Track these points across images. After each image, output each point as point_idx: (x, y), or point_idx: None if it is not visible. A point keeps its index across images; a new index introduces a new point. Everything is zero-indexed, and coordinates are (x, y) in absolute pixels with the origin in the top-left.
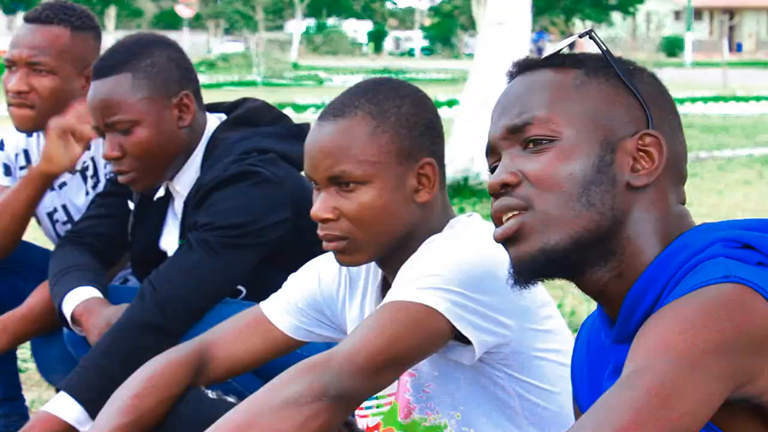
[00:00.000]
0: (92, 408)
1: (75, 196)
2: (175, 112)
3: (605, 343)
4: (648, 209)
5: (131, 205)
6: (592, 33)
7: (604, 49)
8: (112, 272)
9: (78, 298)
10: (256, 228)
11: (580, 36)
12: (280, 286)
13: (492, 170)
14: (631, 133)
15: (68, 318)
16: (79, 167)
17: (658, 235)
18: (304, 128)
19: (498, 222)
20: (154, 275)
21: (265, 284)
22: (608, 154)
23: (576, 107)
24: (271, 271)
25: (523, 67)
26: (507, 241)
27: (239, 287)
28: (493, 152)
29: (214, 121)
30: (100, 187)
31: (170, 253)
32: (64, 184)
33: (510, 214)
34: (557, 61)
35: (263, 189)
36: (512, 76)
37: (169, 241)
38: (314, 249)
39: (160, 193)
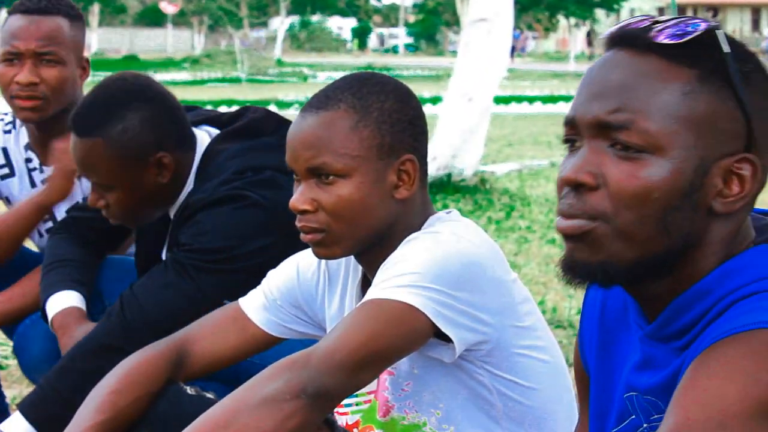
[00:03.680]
0: (43, 427)
1: None
2: (152, 170)
3: (631, 325)
4: (721, 232)
5: None
6: (718, 30)
7: (728, 51)
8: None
9: (59, 305)
10: (234, 254)
11: (707, 30)
12: None
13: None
14: (729, 153)
15: (50, 322)
16: None
17: (722, 253)
18: None
19: (562, 213)
20: (125, 294)
21: None
22: (699, 178)
23: (679, 121)
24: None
25: (629, 42)
26: (567, 236)
27: (224, 300)
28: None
29: (205, 138)
30: None
31: None
32: None
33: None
34: (672, 50)
35: (248, 213)
36: (614, 44)
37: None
38: None
39: None
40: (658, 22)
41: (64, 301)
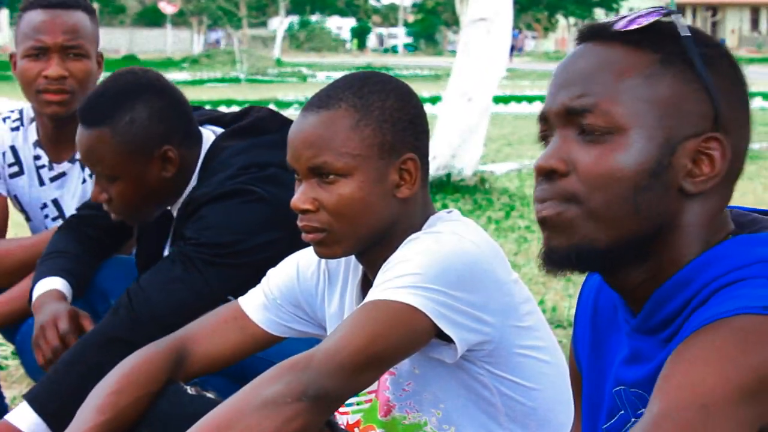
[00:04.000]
0: (50, 419)
1: (74, 186)
2: (157, 163)
3: (620, 324)
4: (696, 215)
5: None
6: (675, 16)
7: (688, 36)
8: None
9: (42, 288)
10: (241, 248)
11: (664, 15)
12: None
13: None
14: (696, 134)
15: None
16: (78, 156)
17: (700, 241)
18: None
19: (537, 199)
20: (133, 288)
21: None
22: (666, 157)
23: (643, 102)
24: None
25: (595, 34)
26: (543, 223)
27: (230, 297)
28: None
29: (210, 136)
30: None
31: None
32: (63, 174)
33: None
34: (634, 37)
35: (254, 208)
36: (582, 39)
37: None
38: None
39: None
40: (625, 16)
41: (46, 285)
